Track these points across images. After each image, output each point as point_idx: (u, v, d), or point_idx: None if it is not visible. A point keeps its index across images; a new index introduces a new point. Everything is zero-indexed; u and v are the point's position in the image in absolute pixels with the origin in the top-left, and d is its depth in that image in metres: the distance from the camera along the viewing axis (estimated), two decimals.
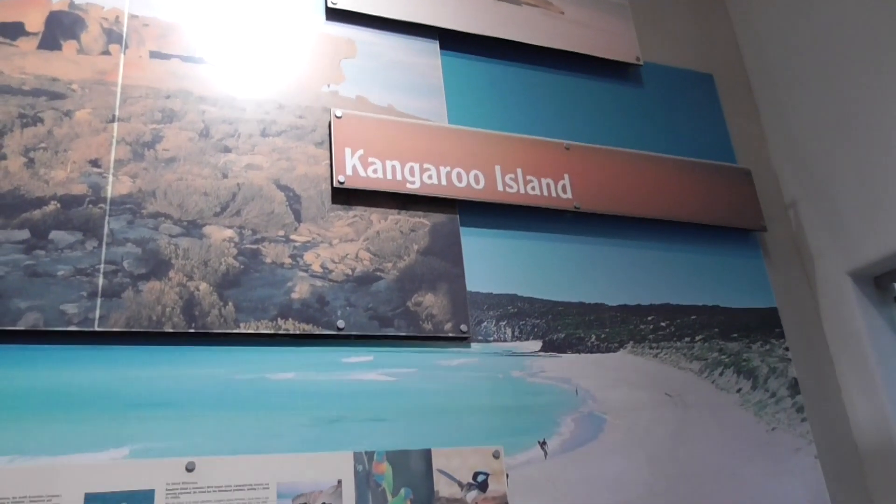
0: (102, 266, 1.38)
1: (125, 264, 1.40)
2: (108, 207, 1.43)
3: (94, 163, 1.45)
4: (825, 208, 2.08)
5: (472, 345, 1.63)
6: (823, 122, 2.11)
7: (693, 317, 1.88)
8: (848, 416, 1.96)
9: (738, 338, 1.90)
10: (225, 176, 1.55)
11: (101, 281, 1.37)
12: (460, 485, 1.48)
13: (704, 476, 1.70)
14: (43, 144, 1.44)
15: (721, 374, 1.84)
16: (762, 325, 1.94)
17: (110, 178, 1.45)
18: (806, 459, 1.81)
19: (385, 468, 1.44)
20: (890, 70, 1.92)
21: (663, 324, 1.84)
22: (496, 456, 1.53)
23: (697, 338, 1.86)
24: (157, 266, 1.42)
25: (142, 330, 1.36)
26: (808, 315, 2.05)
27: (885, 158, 1.92)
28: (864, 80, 1.99)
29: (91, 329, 1.33)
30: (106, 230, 1.41)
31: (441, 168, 1.71)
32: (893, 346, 1.95)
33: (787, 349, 1.94)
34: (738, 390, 1.83)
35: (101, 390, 1.32)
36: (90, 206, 1.42)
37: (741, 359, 1.87)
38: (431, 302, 1.61)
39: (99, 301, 1.35)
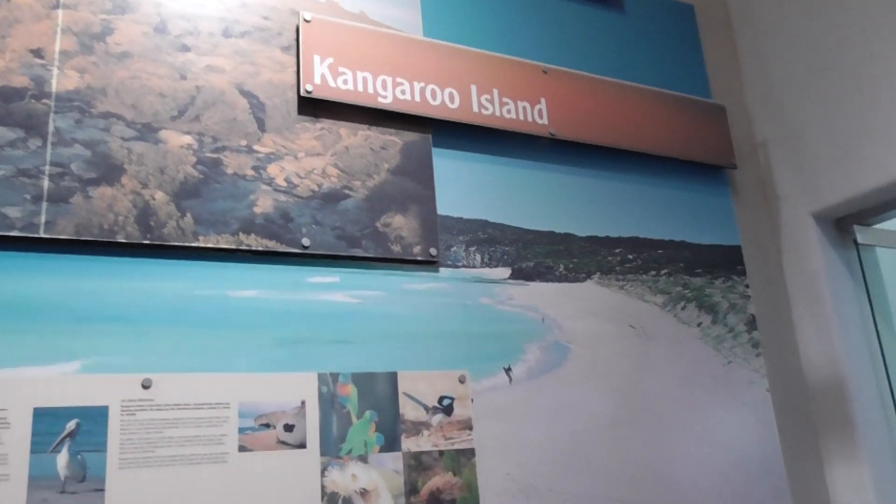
0: (48, 168, 1.30)
1: (73, 167, 1.32)
2: (52, 104, 1.33)
3: (37, 53, 1.35)
4: (794, 149, 2.13)
5: (441, 269, 1.62)
6: (799, 63, 2.13)
7: (660, 251, 1.91)
8: (800, 353, 2.05)
9: (702, 273, 1.95)
10: (183, 77, 1.46)
11: (46, 184, 1.29)
12: (426, 408, 1.49)
13: (663, 406, 1.76)
14: None
15: (683, 309, 1.89)
16: (725, 261, 2.00)
17: (55, 71, 1.35)
18: (758, 392, 1.90)
19: (350, 390, 1.44)
20: (868, 18, 1.94)
21: (630, 256, 1.87)
22: (462, 380, 1.55)
23: (663, 272, 1.90)
24: (108, 171, 1.34)
25: (92, 239, 1.30)
26: (769, 254, 2.12)
27: (856, 105, 1.96)
28: (843, 26, 2.01)
29: (36, 235, 1.26)
30: (51, 128, 1.32)
31: (415, 84, 1.66)
32: (849, 287, 2.04)
33: (747, 286, 2.00)
34: (699, 324, 1.89)
35: (50, 301, 1.26)
36: (32, 100, 1.32)
37: (703, 294, 1.93)
38: (401, 224, 1.59)
39: (44, 205, 1.28)
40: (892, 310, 2.12)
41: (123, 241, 1.32)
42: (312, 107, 1.57)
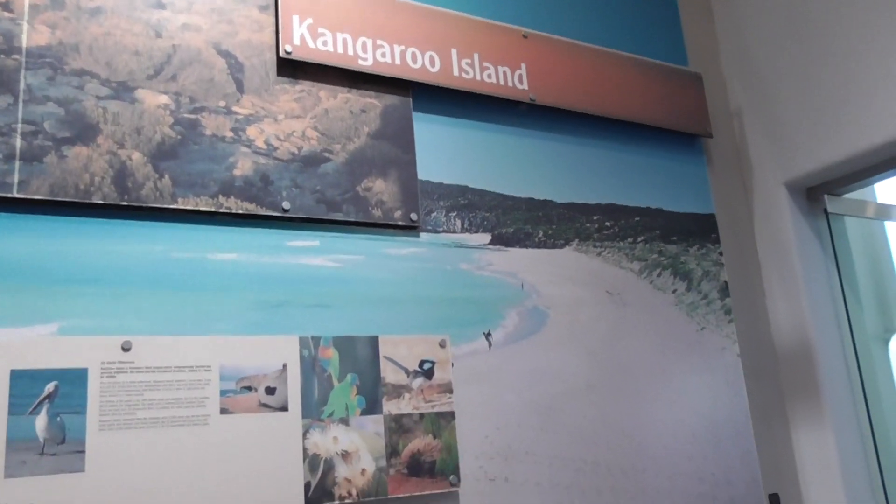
0: (20, 126, 1.28)
1: (46, 126, 1.30)
2: (23, 59, 1.31)
3: (5, 6, 1.32)
4: (768, 119, 2.18)
5: (422, 234, 1.64)
6: (775, 32, 2.17)
7: (637, 218, 1.95)
8: (769, 320, 2.12)
9: (678, 241, 2.00)
10: (158, 35, 1.44)
11: (18, 142, 1.27)
12: (406, 372, 1.52)
13: (638, 370, 1.82)
14: None
15: (659, 275, 1.94)
16: (700, 229, 2.05)
17: (24, 26, 1.32)
18: (729, 358, 1.97)
19: (331, 353, 1.45)
20: None
21: (608, 223, 1.90)
22: (442, 345, 1.57)
23: (639, 239, 1.94)
24: (83, 130, 1.33)
25: (68, 199, 1.29)
26: (742, 222, 2.18)
27: (830, 75, 2.01)
28: None
29: (10, 195, 1.24)
30: (22, 85, 1.30)
31: (395, 46, 1.66)
32: (818, 256, 2.11)
33: (720, 254, 2.06)
34: (674, 291, 1.95)
35: (25, 261, 1.25)
36: (2, 56, 1.29)
37: (679, 261, 1.98)
38: (381, 188, 1.60)
39: (17, 164, 1.26)
40: (860, 278, 2.20)
41: (100, 202, 1.31)
42: (291, 68, 1.56)
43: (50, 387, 1.20)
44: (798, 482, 2.05)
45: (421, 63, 1.68)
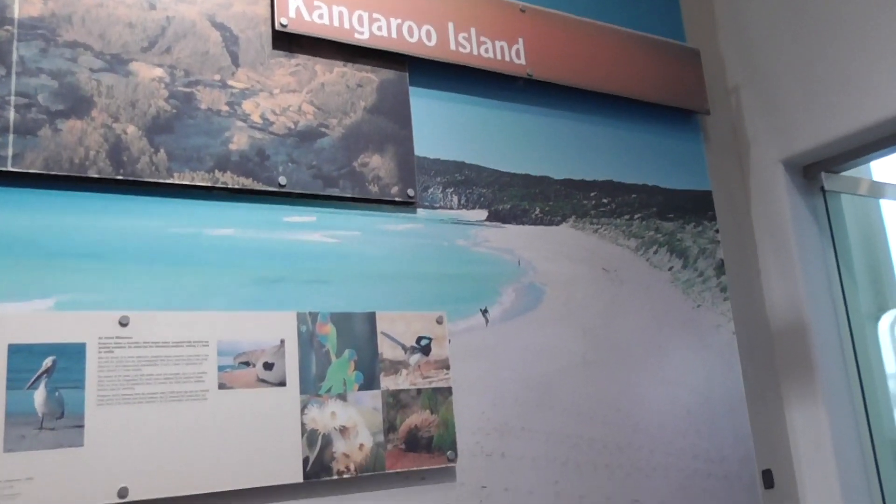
0: (13, 98, 1.28)
1: (40, 98, 1.30)
2: (15, 31, 1.30)
3: None
4: (765, 96, 2.19)
5: (419, 211, 1.65)
6: (774, 9, 2.18)
7: (633, 195, 1.97)
8: (765, 298, 2.15)
9: (674, 218, 2.01)
10: (152, 7, 1.44)
11: (12, 115, 1.27)
12: (404, 348, 1.54)
13: (634, 347, 1.84)
14: None
15: (655, 253, 1.96)
16: (696, 207, 2.07)
17: None
18: (724, 336, 1.99)
19: (329, 329, 1.47)
20: None
21: (605, 200, 1.92)
22: (439, 321, 1.59)
23: (636, 216, 1.96)
24: (77, 103, 1.33)
25: (63, 173, 1.29)
26: (738, 200, 2.20)
27: (827, 53, 2.03)
28: None
29: (4, 168, 1.24)
30: (15, 57, 1.29)
31: (391, 20, 1.66)
32: (814, 234, 2.14)
33: (717, 231, 2.08)
34: (670, 268, 1.97)
35: (20, 236, 1.25)
36: None
37: (675, 238, 2.00)
38: (378, 164, 1.61)
39: (11, 137, 1.26)
40: (855, 256, 2.23)
41: (95, 176, 1.31)
42: (287, 41, 1.56)
43: (48, 361, 1.22)
44: (791, 459, 2.09)
45: (417, 37, 1.68)
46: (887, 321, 2.31)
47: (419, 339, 1.56)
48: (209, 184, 1.41)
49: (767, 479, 2.03)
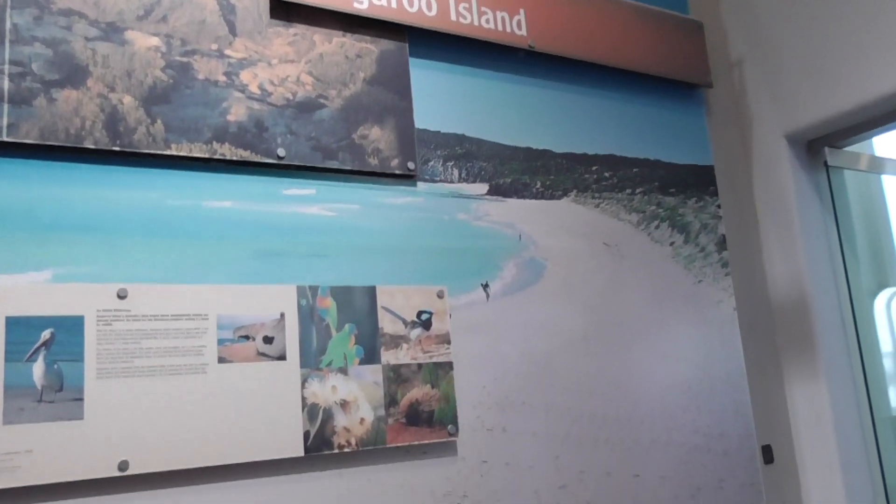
0: (7, 67, 1.27)
1: (34, 67, 1.29)
2: None
3: None
4: (769, 69, 2.18)
5: (419, 184, 1.65)
6: None
7: (635, 169, 1.97)
8: (766, 273, 2.16)
9: (676, 193, 2.02)
10: None
11: (6, 84, 1.26)
12: (404, 322, 1.54)
13: (634, 322, 1.85)
14: None
15: (657, 228, 1.96)
16: (699, 181, 2.07)
17: None
18: (725, 311, 2.01)
19: (329, 303, 1.47)
20: None
21: (607, 174, 1.92)
22: (440, 296, 1.60)
23: (638, 190, 1.96)
24: (72, 72, 1.32)
25: (59, 144, 1.28)
26: (741, 175, 2.21)
27: (832, 26, 2.02)
28: None
29: None
30: (8, 25, 1.28)
31: None
32: (816, 209, 2.14)
33: (719, 206, 2.08)
34: (672, 244, 1.97)
35: (16, 207, 1.25)
36: None
37: (677, 213, 2.00)
38: (378, 136, 1.60)
39: (6, 107, 1.25)
40: (857, 232, 2.24)
41: (92, 146, 1.31)
42: (285, 11, 1.55)
43: (46, 334, 1.22)
44: (791, 435, 2.11)
45: (417, 7, 1.67)
46: (883, 299, 2.33)
47: (420, 313, 1.57)
48: (207, 155, 1.41)
49: (767, 454, 2.05)
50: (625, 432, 1.78)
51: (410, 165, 1.62)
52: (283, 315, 1.42)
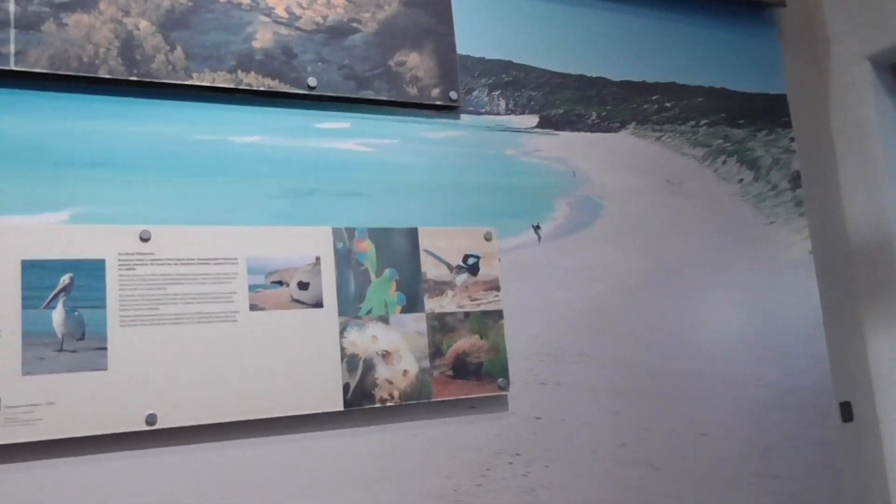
0: None
1: None
2: None
3: None
4: None
5: (462, 116, 1.56)
6: None
7: (700, 98, 1.85)
8: (845, 213, 2.04)
9: (745, 125, 1.90)
10: None
11: (12, 7, 1.19)
12: (449, 267, 1.47)
13: (699, 267, 1.75)
14: None
15: (724, 163, 1.85)
16: (769, 112, 1.94)
17: None
18: (800, 255, 1.89)
19: (368, 246, 1.40)
20: None
21: (668, 104, 1.81)
22: (488, 238, 1.51)
23: (703, 122, 1.85)
24: None
25: (71, 73, 1.22)
26: (817, 104, 2.07)
27: None
28: None
29: (6, 67, 1.18)
30: None
31: None
32: None
33: (792, 140, 1.96)
34: (740, 181, 1.86)
35: (27, 142, 1.19)
36: None
37: (745, 147, 1.89)
38: (416, 62, 1.51)
39: (13, 33, 1.19)
40: None
41: (107, 76, 1.24)
42: None
43: (65, 279, 1.17)
44: (872, 390, 2.00)
45: None
46: None
47: (466, 257, 1.49)
48: (232, 85, 1.33)
49: (846, 411, 1.95)
50: (690, 386, 1.69)
51: (453, 95, 1.53)
52: (318, 259, 1.35)
